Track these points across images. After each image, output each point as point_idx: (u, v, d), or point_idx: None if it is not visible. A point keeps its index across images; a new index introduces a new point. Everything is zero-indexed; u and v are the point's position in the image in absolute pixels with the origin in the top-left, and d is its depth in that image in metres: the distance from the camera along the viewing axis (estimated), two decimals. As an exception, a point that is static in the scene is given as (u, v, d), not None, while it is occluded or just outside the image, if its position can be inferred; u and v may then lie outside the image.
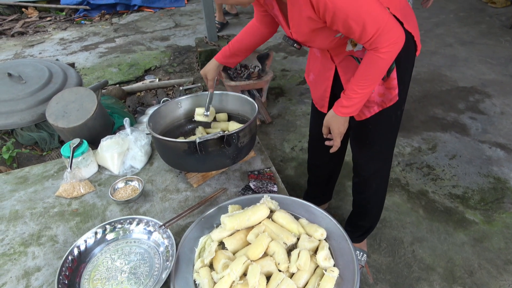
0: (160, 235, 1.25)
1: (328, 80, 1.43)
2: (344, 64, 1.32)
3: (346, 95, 1.24)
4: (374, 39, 1.05)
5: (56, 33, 5.36)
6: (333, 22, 1.04)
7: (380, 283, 1.83)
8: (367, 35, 1.05)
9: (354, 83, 1.20)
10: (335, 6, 0.99)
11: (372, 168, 1.60)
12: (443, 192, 2.34)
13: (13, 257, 1.28)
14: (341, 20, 1.02)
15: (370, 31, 1.03)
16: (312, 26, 1.12)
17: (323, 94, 1.51)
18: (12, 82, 2.43)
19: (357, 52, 1.26)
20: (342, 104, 1.26)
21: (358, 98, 1.22)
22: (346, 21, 1.02)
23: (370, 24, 1.02)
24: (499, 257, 1.92)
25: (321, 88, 1.50)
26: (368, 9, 1.02)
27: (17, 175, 1.67)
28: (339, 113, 1.29)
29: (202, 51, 3.85)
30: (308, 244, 1.12)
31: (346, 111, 1.27)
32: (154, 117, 1.59)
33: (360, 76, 1.18)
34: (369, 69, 1.15)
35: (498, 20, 4.79)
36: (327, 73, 1.42)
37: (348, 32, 1.07)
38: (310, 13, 1.06)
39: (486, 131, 2.87)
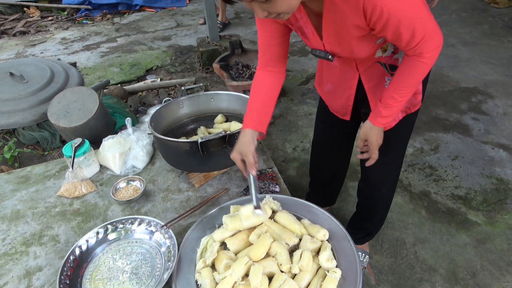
0: (161, 235, 1.25)
1: (351, 89, 1.37)
2: (369, 71, 1.27)
3: (385, 104, 1.18)
4: (420, 45, 1.02)
5: (57, 32, 5.36)
6: (384, 29, 0.98)
7: (382, 284, 1.82)
8: (415, 42, 1.01)
9: (393, 91, 1.15)
10: (389, 12, 0.93)
11: (384, 174, 1.57)
12: (446, 193, 2.33)
13: (14, 256, 1.28)
14: (392, 27, 0.97)
15: (418, 37, 0.99)
16: (356, 34, 1.05)
17: (346, 103, 1.44)
18: (14, 81, 2.43)
19: (385, 57, 1.22)
20: (381, 114, 1.21)
21: (397, 107, 1.18)
22: (398, 28, 0.97)
23: (419, 30, 0.98)
24: (501, 259, 1.91)
25: (342, 97, 1.43)
26: (420, 15, 0.97)
27: (19, 174, 1.67)
28: (378, 124, 1.24)
29: (204, 51, 3.85)
30: (311, 245, 1.12)
31: (385, 121, 1.23)
32: (156, 117, 1.59)
33: (401, 83, 1.13)
34: (411, 76, 1.11)
35: (500, 21, 4.77)
36: (349, 82, 1.36)
37: (396, 39, 1.01)
38: (358, 20, 0.99)
39: (489, 132, 2.86)
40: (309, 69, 3.92)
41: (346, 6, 0.96)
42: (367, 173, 1.62)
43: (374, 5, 0.91)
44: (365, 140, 1.33)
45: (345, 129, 1.65)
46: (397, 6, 0.93)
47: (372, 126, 1.26)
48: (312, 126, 3.02)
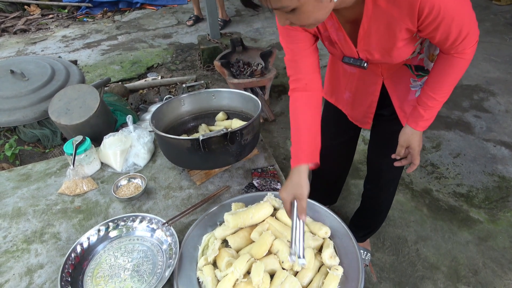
0: (163, 233, 1.25)
1: (373, 96, 1.32)
2: (394, 75, 1.24)
3: (425, 106, 1.15)
4: (464, 42, 0.99)
5: (58, 30, 5.35)
6: (436, 29, 0.94)
7: (384, 282, 1.82)
8: (460, 40, 0.98)
9: (432, 91, 1.12)
10: (446, 11, 0.90)
11: (393, 174, 1.55)
12: (447, 191, 2.33)
13: (16, 254, 1.28)
14: (445, 27, 0.93)
15: (463, 34, 0.97)
16: (402, 37, 1.00)
17: (367, 111, 1.39)
18: (15, 79, 2.42)
19: (412, 59, 1.19)
20: (423, 117, 1.17)
21: (438, 108, 1.15)
22: (450, 26, 0.93)
23: (465, 28, 0.95)
24: (503, 256, 1.91)
25: (363, 105, 1.38)
26: (468, 12, 0.95)
27: (20, 172, 1.67)
28: (420, 128, 1.20)
29: (205, 48, 3.84)
30: (312, 242, 1.11)
31: (426, 124, 1.19)
32: (157, 114, 1.58)
33: (441, 82, 1.10)
34: (452, 74, 1.08)
35: (502, 18, 4.75)
36: (371, 88, 1.31)
37: (444, 38, 0.98)
38: (409, 23, 0.94)
39: (491, 129, 2.85)
40: (310, 67, 3.91)
41: (395, 9, 0.92)
42: (379, 174, 1.60)
43: (432, 5, 0.88)
44: (407, 147, 1.28)
45: (350, 134, 1.65)
46: (452, 5, 0.90)
47: (414, 131, 1.21)
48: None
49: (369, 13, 0.97)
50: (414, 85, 1.25)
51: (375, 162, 1.56)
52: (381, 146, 1.49)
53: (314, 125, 1.18)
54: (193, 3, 5.19)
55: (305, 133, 1.16)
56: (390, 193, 1.66)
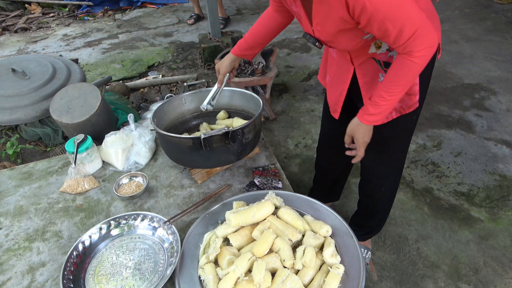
0: (164, 231, 1.25)
1: (345, 83, 1.36)
2: (364, 66, 1.26)
3: (373, 102, 1.16)
4: (409, 42, 0.99)
5: (59, 29, 5.35)
6: (369, 23, 0.98)
7: (384, 280, 1.82)
8: (403, 38, 0.99)
9: (382, 89, 1.13)
10: (374, 7, 0.92)
11: (382, 172, 1.56)
12: (448, 190, 2.33)
13: (18, 252, 1.28)
14: (378, 22, 0.96)
15: (407, 34, 0.97)
16: (342, 26, 1.05)
17: (338, 98, 1.43)
18: (16, 77, 2.42)
19: (380, 55, 1.21)
20: (369, 111, 1.19)
21: (386, 105, 1.15)
22: (384, 22, 0.95)
23: (408, 27, 0.96)
24: (504, 255, 1.91)
25: (336, 91, 1.43)
26: (407, 10, 0.96)
27: (22, 170, 1.68)
28: (365, 121, 1.21)
29: (206, 47, 3.83)
30: (314, 240, 1.12)
31: (372, 119, 1.20)
32: (158, 113, 1.59)
33: (390, 82, 1.11)
34: (400, 74, 1.09)
35: (504, 17, 4.74)
36: (344, 75, 1.35)
37: (383, 34, 1.00)
38: (343, 13, 0.99)
39: (492, 128, 2.85)
40: (311, 66, 3.91)
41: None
42: (367, 172, 1.62)
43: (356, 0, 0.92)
44: (352, 137, 1.31)
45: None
46: (382, 1, 0.92)
47: (359, 123, 1.24)
48: (314, 123, 3.01)
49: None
50: (381, 79, 1.26)
51: (363, 158, 1.58)
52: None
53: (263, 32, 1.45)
54: (192, 2, 5.17)
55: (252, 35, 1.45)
56: (384, 193, 1.65)
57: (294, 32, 4.66)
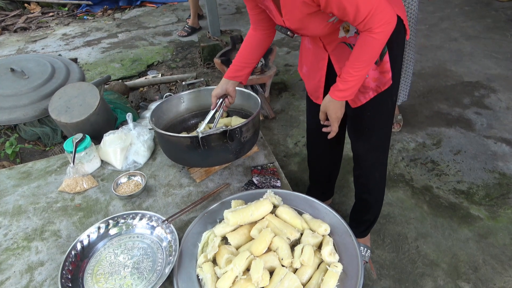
0: (163, 230, 1.25)
1: (322, 70, 1.43)
2: (337, 52, 1.33)
3: (342, 79, 1.23)
4: (367, 19, 1.07)
5: (58, 28, 5.35)
6: (328, 4, 1.05)
7: (383, 279, 1.82)
8: (361, 16, 1.06)
9: (349, 66, 1.20)
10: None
11: (373, 157, 1.60)
12: (448, 188, 2.32)
13: (16, 251, 1.28)
14: (335, 2, 1.03)
15: (364, 12, 1.05)
16: (306, 11, 1.12)
17: (317, 85, 1.50)
18: (15, 77, 2.42)
19: (349, 38, 1.27)
20: (338, 88, 1.26)
21: (354, 81, 1.22)
22: (341, 2, 1.03)
23: (363, 5, 1.03)
24: (504, 253, 1.91)
25: (314, 79, 1.50)
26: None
27: (20, 170, 1.68)
28: (336, 97, 1.28)
29: (205, 46, 3.83)
30: (312, 239, 1.12)
31: (342, 95, 1.27)
32: (157, 112, 1.58)
33: (354, 58, 1.18)
34: (363, 51, 1.16)
35: (504, 14, 4.73)
36: (320, 63, 1.42)
37: (342, 14, 1.08)
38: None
39: (492, 126, 2.84)
40: (310, 64, 3.91)
41: None
42: (359, 161, 1.66)
43: None
44: (325, 113, 1.37)
45: None
46: None
47: (331, 99, 1.30)
48: (313, 121, 3.01)
49: None
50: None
51: (352, 146, 1.63)
52: (351, 130, 1.57)
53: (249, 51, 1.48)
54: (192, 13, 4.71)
55: (239, 57, 1.48)
56: (377, 179, 1.68)
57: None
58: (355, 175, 1.77)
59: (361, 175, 1.71)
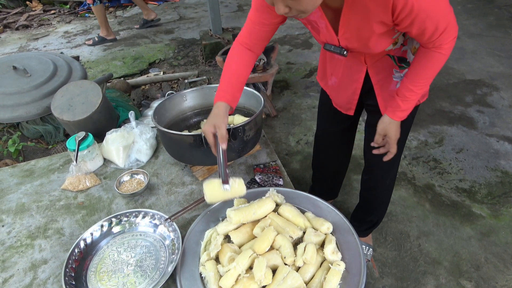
0: (166, 228, 1.25)
1: (357, 82, 1.35)
2: (377, 64, 1.26)
3: (403, 97, 1.18)
4: (441, 36, 1.02)
5: (60, 26, 5.35)
6: (410, 25, 0.97)
7: (386, 277, 1.82)
8: (437, 35, 1.01)
9: (411, 84, 1.15)
10: (419, 8, 0.92)
11: (388, 164, 1.54)
12: (450, 186, 2.32)
13: (20, 249, 1.29)
14: (419, 23, 0.96)
15: (440, 30, 1.00)
16: (378, 30, 1.03)
17: (351, 97, 1.42)
18: (17, 75, 2.43)
19: (394, 50, 1.21)
20: (400, 108, 1.21)
21: (415, 100, 1.18)
22: (425, 21, 0.96)
23: (442, 22, 0.98)
24: (506, 252, 1.91)
25: (347, 91, 1.42)
26: (444, 8, 0.98)
27: (23, 168, 1.68)
28: (398, 118, 1.23)
29: (207, 44, 3.83)
30: (314, 238, 1.12)
31: (403, 115, 1.23)
32: (159, 110, 1.58)
33: (419, 75, 1.13)
34: (430, 68, 1.11)
35: (507, 12, 4.71)
36: (355, 75, 1.33)
37: (421, 33, 1.01)
38: (384, 17, 0.97)
39: (494, 124, 2.83)
40: (312, 62, 3.90)
41: (372, 3, 0.95)
42: (372, 165, 1.62)
43: (405, 2, 0.90)
44: (384, 135, 1.31)
45: (347, 123, 1.64)
46: (426, 2, 0.92)
47: (391, 120, 1.25)
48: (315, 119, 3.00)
49: (349, 2, 1.00)
50: (396, 76, 1.27)
51: (368, 153, 1.58)
52: (373, 137, 1.50)
53: (242, 76, 1.28)
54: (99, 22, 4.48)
55: (233, 78, 1.27)
56: (386, 185, 1.67)
57: (295, 28, 4.65)
58: (364, 179, 1.74)
59: (371, 179, 1.68)
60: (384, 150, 1.36)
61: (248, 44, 1.28)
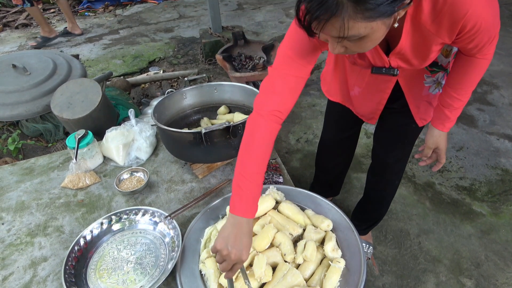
0: (165, 226, 1.25)
1: (385, 93, 1.29)
2: (408, 72, 1.21)
3: (451, 108, 1.17)
4: (490, 45, 0.99)
5: (60, 25, 5.34)
6: (471, 41, 0.94)
7: (386, 275, 1.82)
8: (487, 44, 0.98)
9: (457, 93, 1.14)
10: (485, 26, 0.89)
11: (399, 166, 1.56)
12: (450, 184, 2.32)
13: (20, 247, 1.28)
14: (481, 37, 0.93)
15: (491, 39, 0.97)
16: (436, 49, 0.99)
17: (376, 107, 1.37)
18: (17, 73, 2.42)
19: None
20: (449, 119, 1.20)
21: (462, 107, 1.18)
22: (483, 37, 0.94)
23: (494, 30, 0.95)
24: (506, 249, 1.91)
25: (372, 101, 1.35)
26: (497, 20, 0.93)
27: (23, 166, 1.68)
28: (447, 129, 1.23)
29: (207, 42, 3.82)
30: (314, 235, 1.12)
31: (451, 125, 1.23)
32: (159, 107, 1.58)
33: (465, 83, 1.12)
34: (475, 74, 1.09)
35: (507, 10, 4.70)
36: (383, 85, 1.27)
37: (476, 44, 0.97)
38: (446, 38, 0.93)
39: (494, 122, 2.83)
40: (312, 60, 3.89)
41: (435, 27, 0.91)
42: (383, 168, 1.59)
43: (475, 22, 0.87)
44: (434, 148, 1.31)
45: (356, 128, 1.65)
46: (491, 19, 0.90)
47: (441, 133, 1.25)
48: (315, 118, 3.00)
49: (408, 29, 0.94)
50: (427, 81, 1.24)
51: (381, 155, 1.55)
52: (390, 139, 1.48)
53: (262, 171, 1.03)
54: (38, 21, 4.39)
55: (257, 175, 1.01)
56: (395, 186, 1.66)
57: (295, 26, 4.64)
58: (372, 180, 1.72)
59: (381, 181, 1.66)
60: (431, 160, 1.36)
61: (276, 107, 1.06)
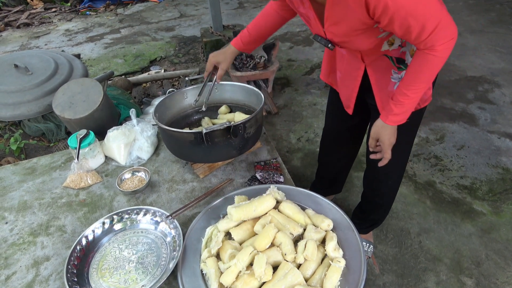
0: (167, 225, 1.26)
1: (356, 80, 1.34)
2: (375, 63, 1.25)
3: (396, 101, 1.14)
4: (431, 37, 0.97)
5: (61, 24, 5.35)
6: (390, 23, 0.95)
7: (386, 274, 1.83)
8: (425, 34, 0.96)
9: (404, 88, 1.11)
10: (396, 6, 0.90)
11: (390, 167, 1.51)
12: (451, 183, 2.32)
13: (22, 246, 1.29)
14: (400, 20, 0.93)
15: (429, 29, 0.95)
16: (358, 27, 1.03)
17: (350, 95, 1.42)
18: (19, 73, 2.43)
19: (392, 51, 1.19)
20: (393, 111, 1.17)
21: (410, 103, 1.14)
22: (406, 19, 0.93)
23: (430, 21, 0.94)
24: (507, 248, 1.91)
25: (348, 87, 1.42)
26: (429, 6, 0.93)
27: (25, 166, 1.69)
28: (390, 122, 1.19)
29: (208, 41, 3.82)
30: (315, 234, 1.12)
31: (397, 119, 1.18)
32: (160, 107, 1.59)
33: (412, 79, 1.09)
34: (423, 71, 1.06)
35: (508, 8, 4.69)
36: (354, 72, 1.33)
37: (405, 32, 0.97)
38: (361, 15, 0.97)
39: (495, 121, 2.83)
40: (313, 59, 3.89)
41: (351, 0, 0.95)
42: (373, 166, 1.59)
43: (377, 0, 0.89)
44: (377, 140, 1.28)
45: (356, 120, 1.64)
46: (404, 2, 0.90)
47: (384, 124, 1.22)
48: (316, 117, 3.00)
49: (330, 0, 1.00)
50: (394, 77, 1.25)
51: (369, 153, 1.56)
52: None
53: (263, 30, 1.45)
54: None
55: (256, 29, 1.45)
56: (390, 187, 1.66)
57: (296, 25, 4.64)
58: (366, 179, 1.74)
59: (373, 180, 1.68)
60: (380, 155, 1.33)
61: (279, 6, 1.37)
